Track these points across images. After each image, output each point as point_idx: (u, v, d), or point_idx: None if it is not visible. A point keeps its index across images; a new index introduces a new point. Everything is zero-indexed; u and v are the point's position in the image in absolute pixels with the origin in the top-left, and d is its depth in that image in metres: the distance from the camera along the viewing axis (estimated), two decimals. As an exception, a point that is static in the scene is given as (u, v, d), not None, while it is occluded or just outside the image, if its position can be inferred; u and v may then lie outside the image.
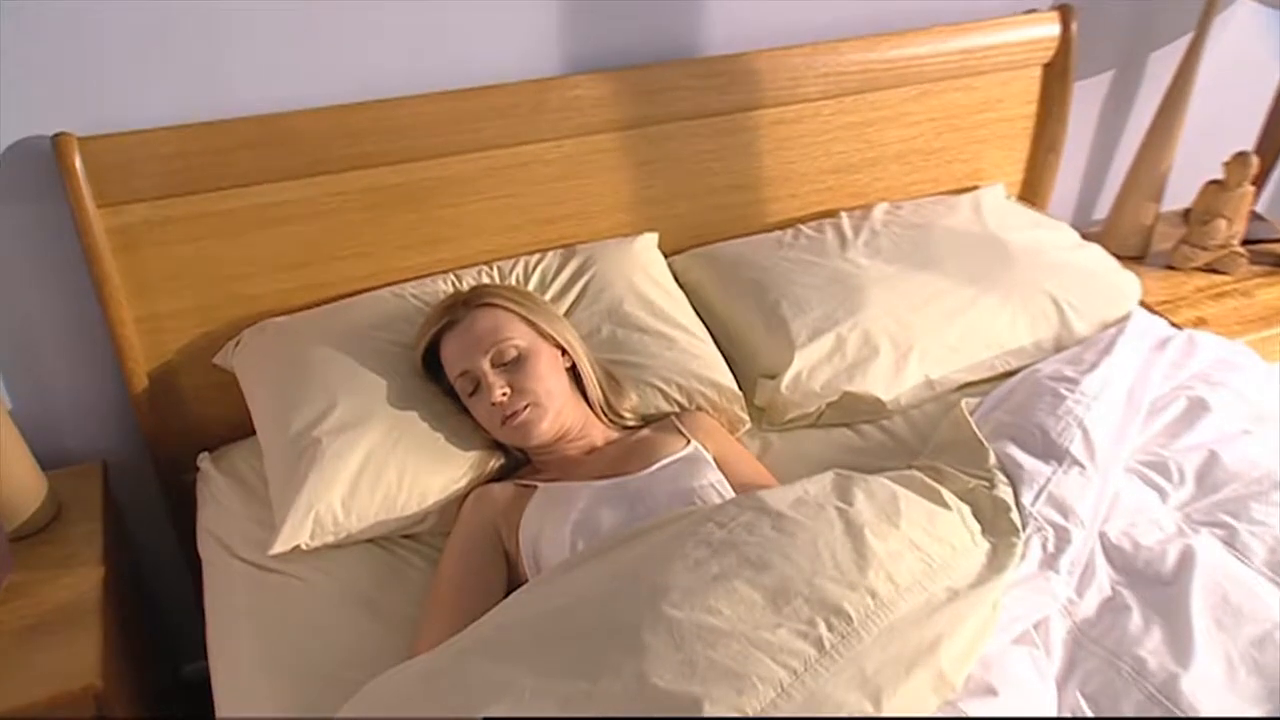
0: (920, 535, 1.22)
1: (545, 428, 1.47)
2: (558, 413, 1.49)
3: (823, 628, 1.07)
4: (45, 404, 1.69)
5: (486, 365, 1.47)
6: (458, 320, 1.51)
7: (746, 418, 1.69)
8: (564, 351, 1.56)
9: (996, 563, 1.25)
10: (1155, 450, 1.56)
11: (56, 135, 1.46)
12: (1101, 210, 2.55)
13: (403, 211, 1.73)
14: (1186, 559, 1.33)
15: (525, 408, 1.46)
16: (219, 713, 1.30)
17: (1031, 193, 2.31)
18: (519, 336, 1.49)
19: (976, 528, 1.30)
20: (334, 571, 1.45)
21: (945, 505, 1.30)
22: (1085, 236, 2.05)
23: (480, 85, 1.69)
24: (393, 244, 1.75)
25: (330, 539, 1.46)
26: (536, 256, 1.81)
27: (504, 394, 1.45)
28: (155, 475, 1.75)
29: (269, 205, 1.63)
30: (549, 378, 1.49)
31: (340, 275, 1.73)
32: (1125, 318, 1.85)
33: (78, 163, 1.46)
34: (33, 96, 1.47)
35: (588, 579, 1.18)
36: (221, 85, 1.57)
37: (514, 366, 1.48)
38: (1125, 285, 1.93)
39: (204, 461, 1.68)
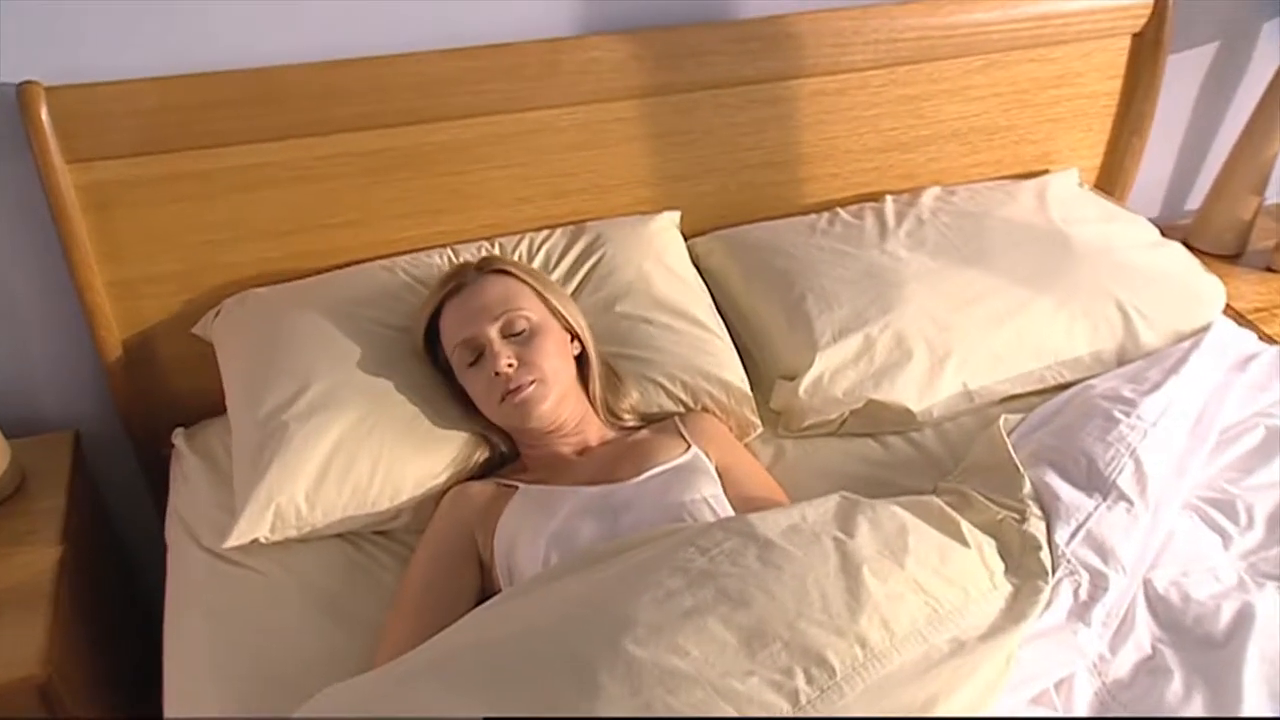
0: (928, 576, 1.11)
1: (546, 409, 1.38)
2: (560, 398, 1.40)
3: (800, 679, 0.97)
4: (16, 368, 1.64)
5: (495, 333, 1.38)
6: (466, 284, 1.43)
7: (757, 421, 1.58)
8: (573, 338, 1.47)
9: (1016, 610, 1.14)
10: (1222, 486, 1.42)
11: (22, 84, 1.39)
12: (1194, 202, 2.38)
13: (400, 178, 1.65)
14: (1244, 617, 1.19)
15: (530, 383, 1.36)
16: (166, 712, 1.24)
17: (1110, 181, 2.16)
18: (531, 310, 1.41)
19: (999, 566, 1.19)
20: (297, 568, 1.38)
21: (963, 541, 1.18)
22: (1174, 231, 1.92)
23: (486, 44, 1.60)
24: (388, 213, 1.67)
25: (293, 533, 1.40)
26: (544, 233, 1.72)
27: (510, 364, 1.36)
28: (133, 448, 1.70)
29: (254, 166, 1.56)
30: (556, 358, 1.40)
31: (331, 244, 1.65)
32: (1204, 329, 1.69)
33: (44, 114, 1.40)
34: (-4, 42, 1.41)
35: (551, 603, 1.09)
36: (205, 35, 1.50)
37: (523, 340, 1.39)
38: (1207, 291, 1.77)
39: (179, 438, 1.62)
